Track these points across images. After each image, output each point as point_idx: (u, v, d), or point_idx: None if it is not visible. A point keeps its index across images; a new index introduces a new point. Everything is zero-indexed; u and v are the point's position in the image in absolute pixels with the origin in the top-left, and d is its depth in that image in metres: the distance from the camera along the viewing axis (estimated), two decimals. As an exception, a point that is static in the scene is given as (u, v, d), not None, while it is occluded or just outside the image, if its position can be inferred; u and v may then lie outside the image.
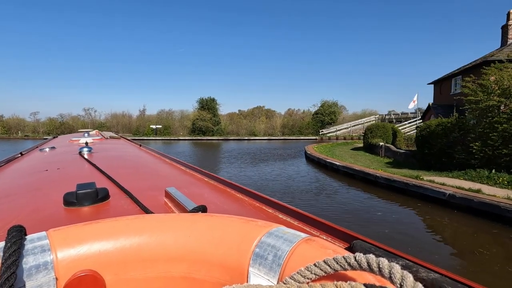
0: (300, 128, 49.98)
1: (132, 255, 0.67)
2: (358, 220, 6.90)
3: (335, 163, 13.25)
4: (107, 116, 52.80)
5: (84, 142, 3.95)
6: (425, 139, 12.15)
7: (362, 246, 0.80)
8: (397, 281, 0.40)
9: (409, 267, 0.68)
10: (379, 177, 9.97)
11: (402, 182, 8.93)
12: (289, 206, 1.22)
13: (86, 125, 48.94)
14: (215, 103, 50.48)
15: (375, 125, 21.77)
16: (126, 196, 1.38)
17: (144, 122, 50.20)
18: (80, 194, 1.23)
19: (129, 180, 1.76)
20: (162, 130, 48.48)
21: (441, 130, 11.67)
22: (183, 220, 0.77)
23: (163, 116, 52.68)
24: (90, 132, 6.51)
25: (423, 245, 5.63)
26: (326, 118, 49.42)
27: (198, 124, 47.36)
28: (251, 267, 0.62)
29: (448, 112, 16.34)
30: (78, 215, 1.15)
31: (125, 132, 49.73)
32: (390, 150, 17.07)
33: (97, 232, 0.68)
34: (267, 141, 42.34)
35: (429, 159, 11.87)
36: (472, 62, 16.46)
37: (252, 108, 61.35)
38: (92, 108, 53.84)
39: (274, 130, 50.61)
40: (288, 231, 0.67)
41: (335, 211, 7.64)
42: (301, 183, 11.14)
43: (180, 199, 1.18)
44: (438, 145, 11.45)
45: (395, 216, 7.16)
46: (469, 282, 0.61)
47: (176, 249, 0.69)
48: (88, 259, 0.63)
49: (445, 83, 18.76)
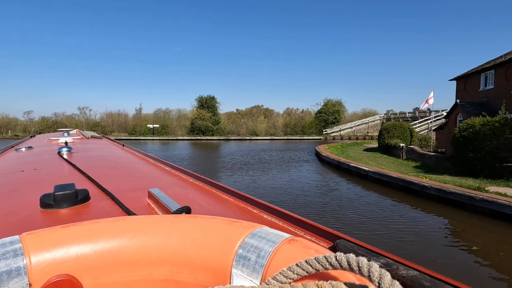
0: (303, 127, 48.37)
1: (112, 258, 0.65)
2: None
3: (363, 168, 11.56)
4: (102, 115, 50.94)
5: (64, 142, 3.84)
6: (467, 141, 10.51)
7: (345, 245, 0.82)
8: (376, 280, 0.40)
9: (389, 265, 0.70)
10: (428, 187, 8.28)
11: (464, 195, 7.23)
12: (273, 206, 1.22)
13: (80, 124, 47.37)
14: (214, 101, 48.66)
15: (392, 125, 20.16)
16: (108, 198, 1.35)
17: (141, 121, 48.31)
18: (58, 196, 1.19)
19: (111, 181, 1.74)
20: (159, 129, 46.63)
21: (488, 130, 10.06)
22: (165, 221, 0.75)
23: (160, 115, 50.85)
24: (70, 132, 6.20)
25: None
26: (329, 117, 47.86)
27: (197, 124, 45.50)
28: (234, 268, 0.61)
29: (479, 110, 14.75)
30: (56, 218, 1.11)
31: (121, 131, 47.92)
32: (414, 152, 15.44)
33: (75, 235, 0.66)
34: (270, 141, 40.67)
35: (474, 164, 10.22)
36: (507, 55, 14.87)
37: (251, 107, 59.76)
38: (87, 107, 52.01)
39: (276, 130, 48.90)
40: (272, 232, 0.66)
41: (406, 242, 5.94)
42: (344, 201, 8.56)
43: (164, 200, 1.17)
44: (487, 147, 9.83)
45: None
46: (446, 279, 0.63)
47: (158, 251, 0.68)
48: (65, 263, 0.61)
49: (472, 79, 17.20)
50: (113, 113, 50.47)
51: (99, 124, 47.91)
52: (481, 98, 16.03)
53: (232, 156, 20.96)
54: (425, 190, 8.32)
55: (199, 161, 19.48)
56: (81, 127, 46.81)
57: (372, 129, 47.34)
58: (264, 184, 11.11)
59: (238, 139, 43.12)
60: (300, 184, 11.00)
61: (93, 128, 46.50)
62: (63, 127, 45.44)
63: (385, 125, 20.65)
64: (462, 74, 18.25)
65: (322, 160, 17.06)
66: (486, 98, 15.67)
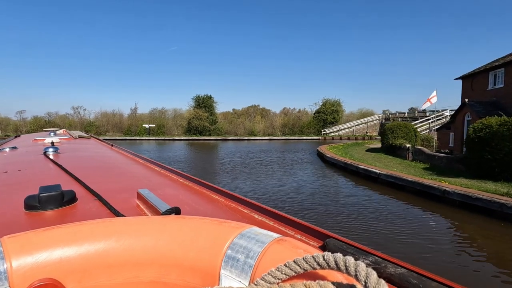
0: (301, 127, 47.81)
1: (98, 260, 0.64)
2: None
3: (373, 171, 10.94)
4: (97, 115, 49.79)
5: (50, 142, 3.78)
6: (484, 142, 9.95)
7: (335, 244, 0.82)
8: (362, 279, 0.41)
9: (378, 263, 0.70)
10: (450, 192, 7.66)
11: (494, 202, 6.60)
12: (264, 206, 1.22)
13: (74, 124, 46.37)
14: (212, 100, 47.89)
15: (396, 125, 19.60)
16: (95, 199, 1.33)
17: (136, 121, 47.34)
18: (43, 197, 1.16)
19: (98, 182, 1.72)
20: (155, 129, 45.71)
21: (506, 130, 9.51)
22: (154, 222, 0.74)
23: (156, 114, 49.93)
24: (57, 131, 6.01)
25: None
26: (328, 117, 47.37)
27: (194, 123, 44.68)
28: (222, 269, 0.61)
29: (489, 110, 14.23)
30: (41, 220, 1.09)
31: (116, 131, 46.91)
32: (422, 153, 14.90)
33: (59, 237, 0.65)
34: (268, 142, 40.03)
35: (491, 167, 9.66)
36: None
37: (247, 107, 59.10)
38: (81, 107, 50.91)
39: (274, 130, 48.25)
40: (261, 232, 0.66)
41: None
42: (369, 211, 7.61)
43: (153, 201, 1.16)
44: (505, 148, 9.27)
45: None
46: (433, 276, 0.63)
47: (145, 253, 0.67)
48: (48, 267, 0.60)
49: (479, 78, 16.71)
50: (107, 113, 49.40)
51: (94, 124, 46.85)
52: (490, 97, 15.53)
53: (231, 158, 20.11)
54: (446, 196, 7.71)
55: (197, 163, 18.65)
56: (75, 127, 45.77)
57: (371, 129, 46.99)
58: (270, 190, 10.23)
59: (236, 139, 42.38)
60: (310, 189, 10.26)
61: (87, 128, 45.48)
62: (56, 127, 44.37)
63: (389, 125, 20.07)
64: (469, 73, 17.75)
65: (327, 162, 16.44)
66: (495, 97, 15.17)
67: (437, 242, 5.61)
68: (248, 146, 31.46)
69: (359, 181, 11.38)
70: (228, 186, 10.84)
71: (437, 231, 6.26)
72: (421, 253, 5.18)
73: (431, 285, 0.61)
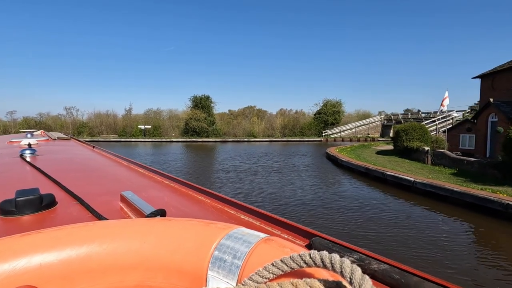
0: (302, 129, 46.66)
1: (80, 266, 0.62)
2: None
3: (405, 178, 9.74)
4: (90, 116, 47.84)
5: (27, 144, 3.67)
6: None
7: (321, 242, 0.83)
8: (347, 275, 0.41)
9: (362, 260, 0.72)
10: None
11: None
12: (250, 206, 1.21)
13: (66, 125, 44.64)
14: (209, 101, 46.43)
15: (410, 126, 18.48)
16: (76, 202, 1.30)
17: (131, 122, 45.65)
18: (20, 202, 1.12)
19: (80, 184, 1.67)
20: (151, 130, 44.11)
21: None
22: (138, 225, 0.73)
23: (151, 115, 48.29)
24: (34, 133, 5.90)
25: None
26: (329, 118, 46.30)
27: (191, 124, 43.18)
28: (210, 271, 0.60)
29: (518, 110, 13.23)
30: (18, 225, 1.05)
31: (110, 132, 45.18)
32: (445, 157, 13.78)
33: (38, 243, 0.63)
34: (268, 143, 38.78)
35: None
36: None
37: (243, 108, 57.81)
38: (74, 107, 48.84)
39: (274, 131, 47.00)
40: (248, 232, 0.65)
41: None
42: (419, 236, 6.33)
43: (137, 204, 1.14)
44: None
45: None
46: (414, 271, 0.65)
47: (130, 257, 0.65)
48: (27, 274, 0.58)
49: (502, 76, 15.71)
50: (101, 114, 47.52)
51: (87, 125, 45.05)
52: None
53: (234, 163, 18.42)
54: (510, 211, 6.52)
55: (200, 172, 16.33)
56: (67, 128, 44.07)
57: (373, 131, 46.11)
58: (302, 209, 8.68)
59: (235, 141, 41.03)
60: (349, 203, 9.01)
61: (79, 129, 43.70)
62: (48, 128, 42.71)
63: (402, 127, 18.97)
64: (489, 71, 16.76)
65: (341, 166, 15.21)
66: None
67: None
68: (249, 148, 30.09)
69: (387, 189, 10.17)
70: (253, 205, 9.46)
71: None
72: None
73: (412, 279, 0.63)
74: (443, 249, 5.48)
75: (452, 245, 5.65)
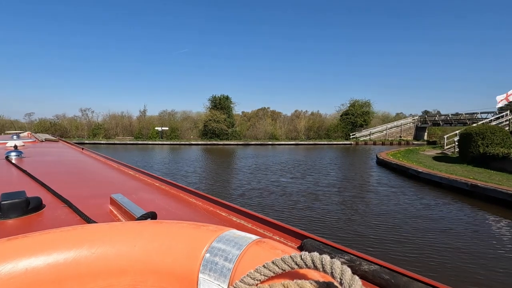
0: (328, 131, 43.46)
1: (68, 270, 0.61)
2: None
3: None
4: (105, 117, 46.19)
5: (12, 146, 3.60)
6: None
7: (312, 244, 0.83)
8: (338, 276, 0.42)
9: (353, 261, 0.72)
10: None
11: None
12: (242, 209, 1.20)
13: (82, 127, 43.05)
14: (229, 101, 43.81)
15: (487, 128, 15.16)
16: (64, 205, 1.27)
17: (147, 124, 43.63)
18: (5, 205, 1.08)
19: (68, 187, 1.66)
20: (168, 132, 41.92)
21: None
22: (128, 228, 0.71)
23: (165, 117, 46.23)
24: (21, 134, 5.99)
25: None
26: (358, 119, 42.92)
27: (210, 126, 40.71)
28: (201, 274, 0.60)
29: None
30: (3, 230, 1.01)
31: (126, 134, 43.28)
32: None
33: (24, 247, 0.61)
34: (294, 146, 35.82)
35: None
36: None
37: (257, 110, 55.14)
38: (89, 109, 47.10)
39: (298, 134, 43.98)
40: (239, 234, 0.65)
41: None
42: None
43: (127, 206, 1.12)
44: None
45: None
46: (404, 271, 0.65)
47: (120, 260, 0.64)
48: (12, 279, 0.56)
49: None
50: (116, 115, 45.74)
51: (102, 127, 43.31)
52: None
53: (276, 178, 12.70)
54: None
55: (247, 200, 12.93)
56: (83, 129, 42.57)
57: (405, 133, 42.53)
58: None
59: (258, 144, 38.24)
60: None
61: (95, 131, 42.03)
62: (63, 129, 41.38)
63: (474, 129, 15.66)
64: None
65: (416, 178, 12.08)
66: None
67: None
68: (275, 153, 26.95)
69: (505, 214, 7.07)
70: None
71: None
72: None
73: (402, 280, 0.64)
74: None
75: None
